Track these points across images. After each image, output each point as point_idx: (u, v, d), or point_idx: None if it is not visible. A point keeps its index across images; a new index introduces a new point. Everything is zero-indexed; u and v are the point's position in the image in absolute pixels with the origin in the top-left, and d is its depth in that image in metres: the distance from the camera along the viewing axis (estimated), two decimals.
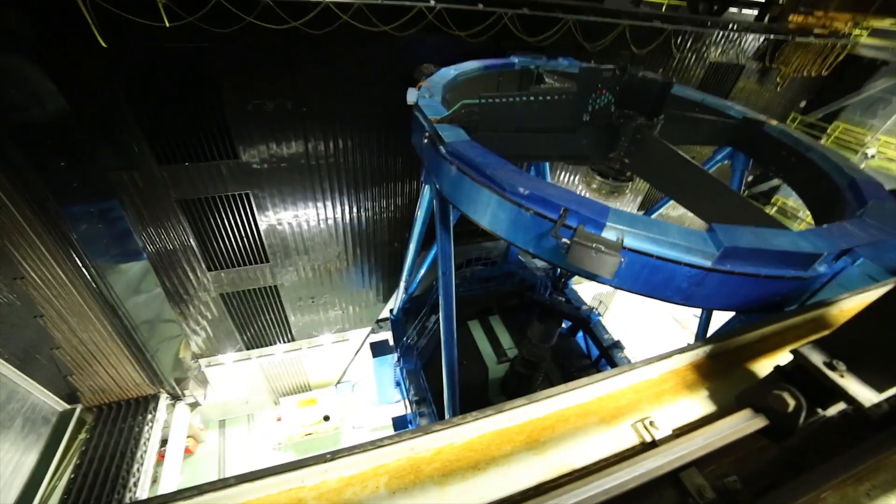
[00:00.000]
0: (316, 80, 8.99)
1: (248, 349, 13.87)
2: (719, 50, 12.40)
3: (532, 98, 6.07)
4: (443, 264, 6.37)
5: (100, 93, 7.81)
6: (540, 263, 13.34)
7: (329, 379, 16.90)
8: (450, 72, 7.21)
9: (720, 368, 2.22)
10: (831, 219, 4.77)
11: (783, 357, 2.30)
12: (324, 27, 7.99)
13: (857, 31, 13.08)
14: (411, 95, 6.19)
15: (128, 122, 8.28)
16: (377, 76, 9.30)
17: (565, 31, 9.62)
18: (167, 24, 7.17)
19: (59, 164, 7.54)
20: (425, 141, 5.22)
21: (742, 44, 12.54)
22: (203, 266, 11.01)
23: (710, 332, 7.76)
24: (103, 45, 7.04)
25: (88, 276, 8.11)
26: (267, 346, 14.11)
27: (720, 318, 4.84)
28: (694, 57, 12.24)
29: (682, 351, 2.24)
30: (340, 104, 9.49)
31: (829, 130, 15.86)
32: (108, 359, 9.43)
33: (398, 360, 11.56)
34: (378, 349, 13.34)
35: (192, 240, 10.40)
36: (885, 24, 12.90)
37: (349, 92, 9.37)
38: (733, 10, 12.63)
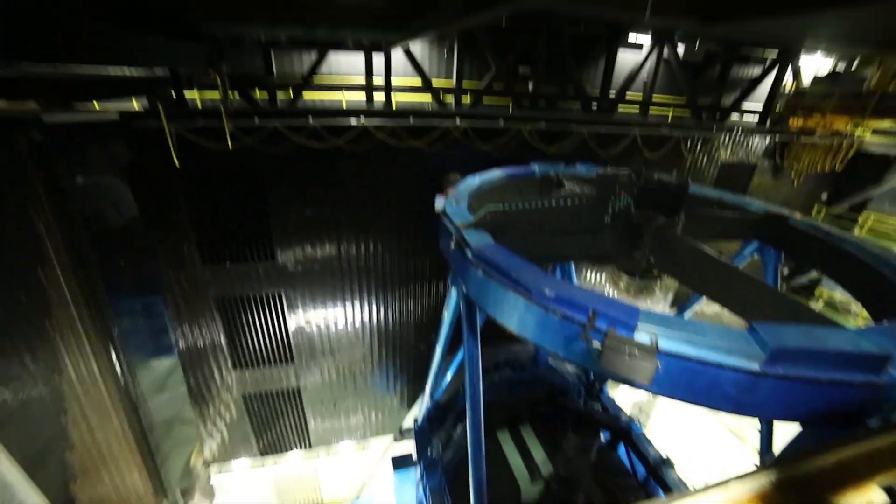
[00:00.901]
0: (353, 190, 9.80)
1: (262, 455, 13.12)
2: (729, 151, 12.96)
3: (553, 203, 6.35)
4: (470, 368, 6.14)
5: (166, 202, 8.79)
6: (572, 367, 12.67)
7: (344, 497, 15.48)
8: (475, 180, 7.72)
9: None
10: (892, 314, 4.44)
11: (873, 495, 1.98)
12: (362, 145, 8.93)
13: (859, 131, 13.46)
14: (439, 202, 6.59)
15: (184, 226, 9.13)
16: (408, 185, 10.07)
17: (580, 140, 10.39)
18: (230, 147, 8.22)
19: (120, 263, 8.24)
20: (452, 245, 5.40)
21: (750, 145, 13.10)
22: (229, 364, 11.02)
23: (775, 447, 6.88)
24: (177, 165, 8.07)
25: (119, 372, 8.22)
26: (283, 451, 13.33)
27: (786, 430, 4.32)
28: (705, 158, 12.79)
29: (741, 478, 1.98)
30: (373, 211, 10.18)
31: (860, 221, 15.55)
32: (117, 463, 9.04)
33: (421, 475, 10.59)
34: (400, 462, 12.36)
35: (222, 337, 10.58)
36: (884, 125, 13.25)
37: (382, 199, 10.10)
38: (735, 116, 13.44)
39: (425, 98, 10.45)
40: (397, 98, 10.34)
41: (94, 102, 7.62)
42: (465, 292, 5.36)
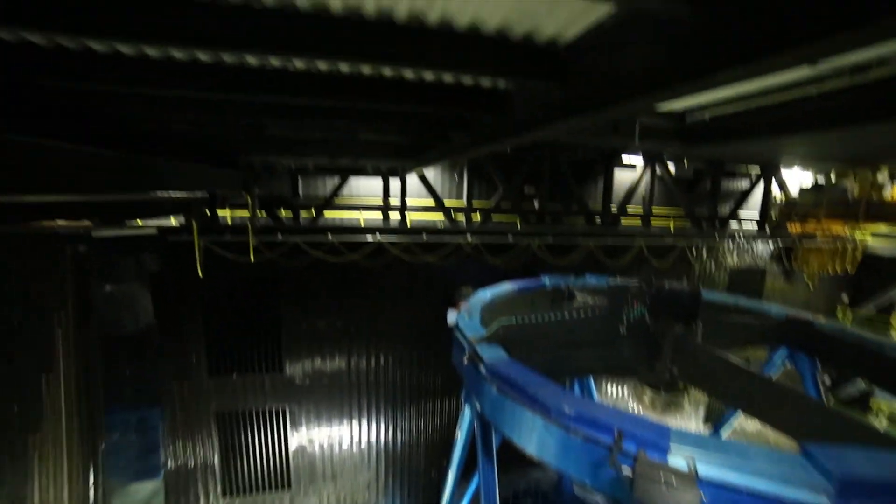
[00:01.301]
0: (365, 303, 9.96)
1: None
2: (735, 257, 13.17)
3: (566, 315, 6.35)
4: (486, 497, 5.54)
5: (182, 309, 8.97)
6: (602, 498, 11.29)
7: None
8: (486, 294, 7.84)
9: None
10: None
11: None
12: (377, 260, 9.33)
13: (859, 234, 13.60)
14: (451, 316, 6.63)
15: (196, 334, 9.16)
16: (420, 299, 10.23)
17: (588, 252, 10.74)
18: (252, 260, 8.65)
19: (126, 372, 8.06)
20: (465, 360, 5.31)
21: (755, 250, 13.33)
22: (219, 490, 10.06)
23: None
24: (200, 275, 8.42)
25: (92, 500, 7.46)
26: None
27: None
28: (713, 264, 12.96)
29: None
30: (385, 324, 10.21)
31: (894, 323, 14.84)
32: None
33: None
34: None
35: (216, 457, 9.85)
36: (881, 228, 13.37)
37: (394, 313, 10.19)
38: (735, 224, 13.89)
39: (438, 217, 11.18)
40: (412, 217, 11.08)
41: (138, 220, 8.32)
42: (480, 410, 5.10)
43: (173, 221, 9.29)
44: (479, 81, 3.65)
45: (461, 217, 11.12)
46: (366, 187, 11.94)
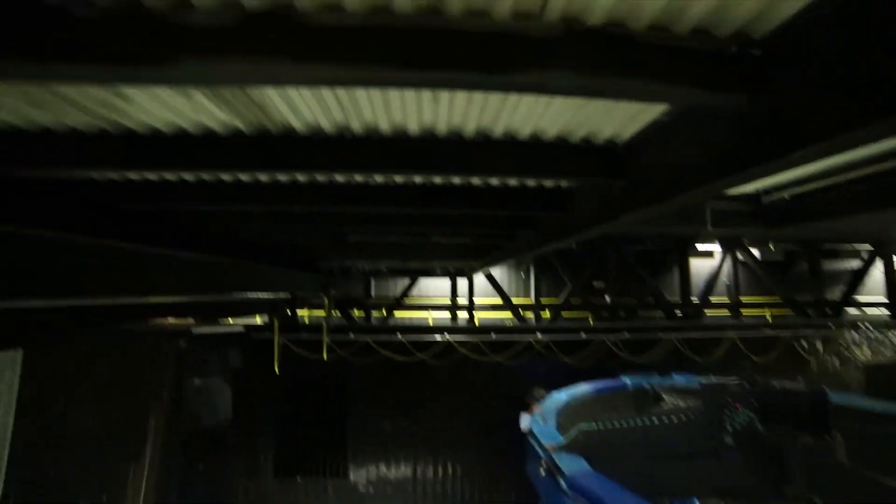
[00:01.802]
0: (432, 405, 9.66)
1: None
2: (868, 349, 11.11)
3: (655, 420, 5.66)
4: None
5: (256, 407, 9.25)
6: None
7: None
8: (561, 396, 7.32)
9: None
10: None
11: None
12: (444, 359, 9.22)
13: None
14: (524, 421, 6.20)
15: (266, 433, 9.28)
16: (489, 401, 9.74)
17: (671, 348, 9.79)
18: (325, 358, 8.95)
19: (200, 467, 8.17)
20: (542, 471, 4.81)
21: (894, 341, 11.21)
22: None
23: None
24: (277, 372, 8.81)
25: None
26: None
27: None
28: (837, 360, 11.02)
29: None
30: (453, 429, 9.70)
31: None
32: None
33: None
34: None
35: None
36: None
37: (462, 416, 9.71)
38: (853, 311, 11.95)
39: (506, 315, 11.07)
40: (479, 315, 11.07)
41: (230, 318, 9.17)
42: None
43: (258, 320, 10.08)
44: (543, 182, 3.87)
45: (530, 314, 10.92)
46: (434, 287, 12.30)
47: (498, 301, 10.87)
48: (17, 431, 5.33)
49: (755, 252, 10.86)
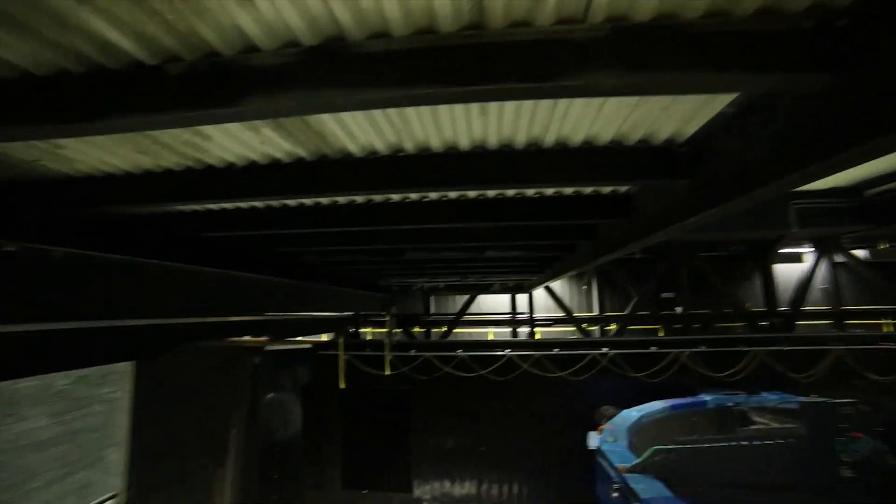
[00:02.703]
0: (495, 422, 9.46)
1: None
2: None
3: (744, 442, 5.11)
4: None
5: (323, 421, 9.62)
6: None
7: None
8: (632, 414, 6.88)
9: None
10: None
11: None
12: (506, 375, 9.05)
13: None
14: (593, 440, 5.88)
15: (334, 447, 9.59)
16: (552, 418, 9.37)
17: (758, 362, 8.85)
18: (387, 373, 9.16)
19: (274, 476, 8.71)
20: (614, 494, 4.51)
21: None
22: None
23: None
24: (342, 386, 9.14)
25: None
26: None
27: None
28: None
29: None
30: (516, 444, 9.42)
31: None
32: None
33: None
34: None
35: None
36: None
37: (525, 434, 9.42)
38: None
39: (568, 329, 10.68)
40: (540, 331, 10.78)
41: (300, 336, 9.75)
42: None
43: (324, 338, 10.57)
44: (599, 189, 3.74)
45: (594, 328, 10.46)
46: (493, 304, 12.22)
47: (559, 315, 10.54)
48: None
49: (859, 253, 9.64)
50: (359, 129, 2.50)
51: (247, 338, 7.66)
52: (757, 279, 10.40)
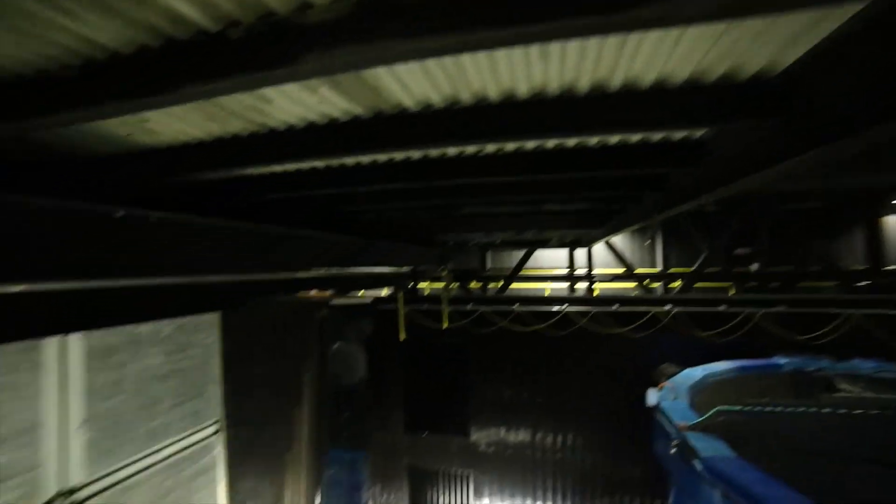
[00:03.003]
0: (552, 376, 9.57)
1: None
2: None
3: (828, 410, 4.77)
4: None
5: (386, 370, 10.28)
6: None
7: None
8: (696, 372, 6.64)
9: None
10: None
11: None
12: (562, 330, 9.01)
13: None
14: (652, 396, 5.78)
15: (396, 393, 10.30)
16: (612, 375, 9.29)
17: (850, 326, 8.05)
18: (444, 326, 9.49)
19: (345, 415, 9.84)
20: (672, 451, 4.46)
21: None
22: None
23: None
24: (402, 338, 9.64)
25: None
26: None
27: None
28: None
29: None
30: (573, 399, 9.51)
31: None
32: None
33: None
34: None
35: None
36: None
37: (582, 389, 9.45)
38: None
39: (628, 285, 10.31)
40: (599, 286, 10.50)
41: (361, 291, 10.35)
42: None
43: (384, 292, 11.05)
44: (671, 136, 3.43)
45: (656, 285, 10.01)
46: (550, 258, 12.00)
47: (618, 271, 10.17)
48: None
49: None
50: (413, 82, 2.44)
51: (313, 292, 8.28)
52: (858, 234, 9.26)
